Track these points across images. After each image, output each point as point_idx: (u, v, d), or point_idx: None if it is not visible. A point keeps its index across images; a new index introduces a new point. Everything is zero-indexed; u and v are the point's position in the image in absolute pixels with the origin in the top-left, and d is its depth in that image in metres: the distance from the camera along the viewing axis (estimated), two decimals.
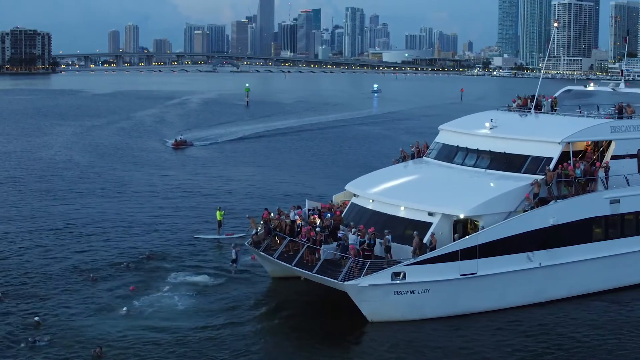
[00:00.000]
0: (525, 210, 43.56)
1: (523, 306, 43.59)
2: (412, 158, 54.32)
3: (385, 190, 47.92)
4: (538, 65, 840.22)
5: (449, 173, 49.52)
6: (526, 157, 47.30)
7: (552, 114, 53.82)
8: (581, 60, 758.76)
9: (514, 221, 42.95)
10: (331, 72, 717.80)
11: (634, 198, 47.53)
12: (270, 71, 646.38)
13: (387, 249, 42.44)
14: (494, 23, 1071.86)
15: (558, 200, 44.61)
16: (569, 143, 47.16)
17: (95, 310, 42.10)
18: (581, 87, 60.79)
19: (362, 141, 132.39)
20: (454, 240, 42.27)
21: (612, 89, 57.18)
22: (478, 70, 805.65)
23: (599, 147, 49.76)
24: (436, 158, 52.39)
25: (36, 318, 40.09)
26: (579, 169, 46.16)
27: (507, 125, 50.33)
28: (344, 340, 39.60)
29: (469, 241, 41.76)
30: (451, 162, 50.80)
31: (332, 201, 51.35)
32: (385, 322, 40.98)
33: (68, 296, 44.36)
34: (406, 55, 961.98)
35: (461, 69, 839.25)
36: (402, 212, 44.89)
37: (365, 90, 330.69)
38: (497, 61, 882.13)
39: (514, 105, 55.30)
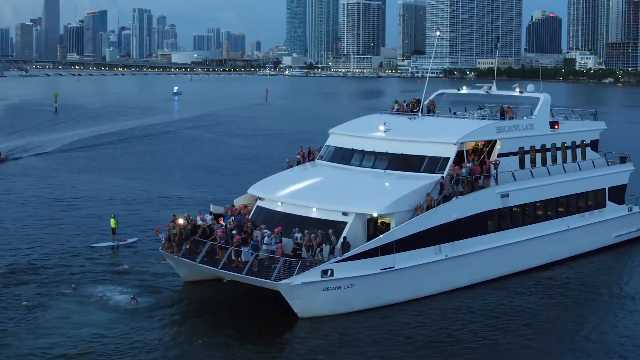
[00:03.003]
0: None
1: (434, 295, 47.09)
2: (298, 164, 56.15)
3: (293, 193, 49.89)
4: (328, 64, 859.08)
5: (350, 174, 51.89)
6: (424, 157, 50.50)
7: (435, 116, 57.55)
8: (371, 58, 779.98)
9: (424, 217, 46.18)
10: (122, 74, 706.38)
11: (520, 192, 52.17)
12: (61, 74, 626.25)
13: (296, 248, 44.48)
14: (282, 22, 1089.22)
15: (459, 197, 48.41)
16: (462, 143, 51.06)
17: None
18: (454, 90, 64.03)
19: (199, 145, 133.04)
20: (368, 239, 45.22)
21: (486, 91, 61.15)
22: (270, 70, 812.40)
23: (480, 148, 53.83)
24: (330, 161, 54.58)
25: None
26: (465, 168, 49.93)
27: (400, 128, 53.46)
28: (279, 336, 41.55)
29: (386, 237, 44.69)
30: (348, 164, 53.22)
31: (233, 205, 52.37)
32: (314, 317, 43.19)
33: None
34: (195, 55, 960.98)
35: (252, 69, 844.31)
36: (314, 213, 47.03)
37: (163, 93, 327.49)
38: (286, 60, 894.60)
39: (394, 111, 58.44)
